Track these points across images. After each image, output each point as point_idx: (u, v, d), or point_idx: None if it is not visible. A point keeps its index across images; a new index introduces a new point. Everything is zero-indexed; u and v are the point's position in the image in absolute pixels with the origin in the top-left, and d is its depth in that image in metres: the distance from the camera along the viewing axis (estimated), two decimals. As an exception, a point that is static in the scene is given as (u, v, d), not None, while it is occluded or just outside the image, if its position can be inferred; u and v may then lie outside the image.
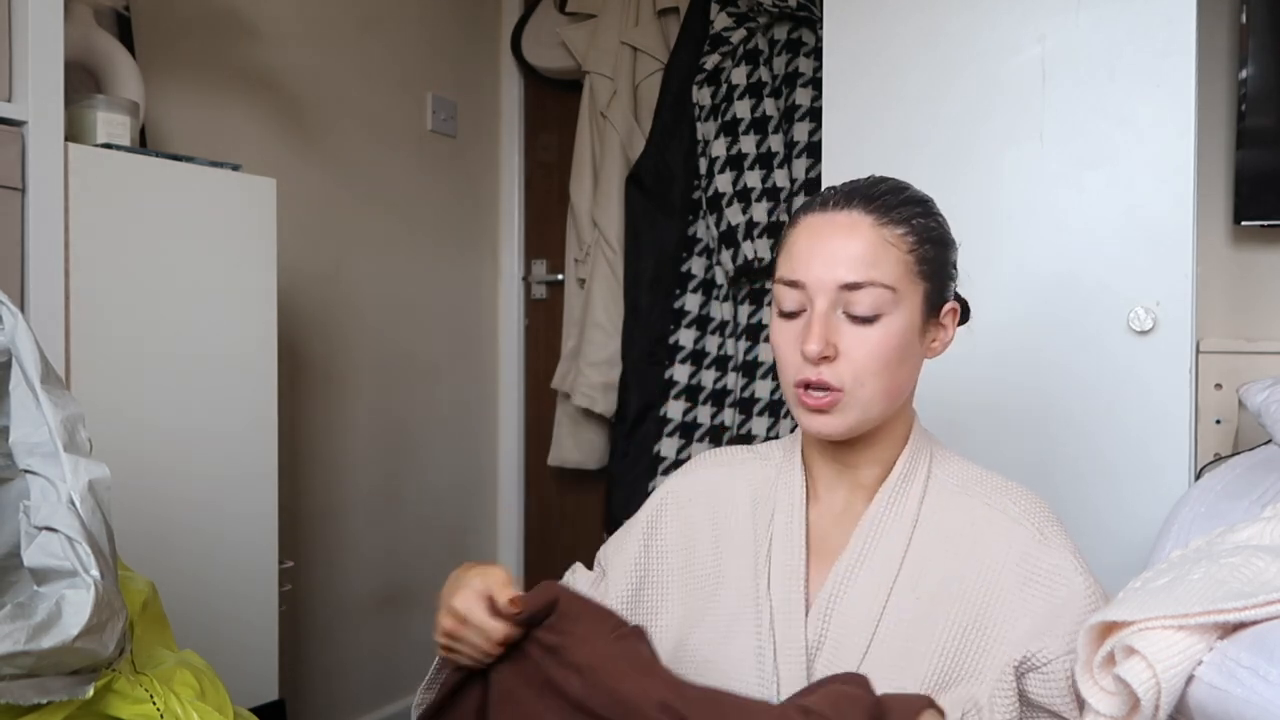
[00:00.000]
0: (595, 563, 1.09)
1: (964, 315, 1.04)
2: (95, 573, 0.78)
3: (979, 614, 0.90)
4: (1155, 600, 0.71)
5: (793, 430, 1.06)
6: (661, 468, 2.29)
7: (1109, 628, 0.72)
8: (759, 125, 2.23)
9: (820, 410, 0.92)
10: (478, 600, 0.84)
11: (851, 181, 0.97)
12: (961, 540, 0.93)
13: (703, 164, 2.29)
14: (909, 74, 1.71)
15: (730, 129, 2.25)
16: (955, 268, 0.99)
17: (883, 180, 0.96)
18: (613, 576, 1.04)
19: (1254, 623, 0.68)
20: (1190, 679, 0.68)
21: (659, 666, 0.83)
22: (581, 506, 2.77)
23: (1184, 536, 1.12)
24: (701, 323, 2.33)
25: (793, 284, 0.93)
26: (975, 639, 0.89)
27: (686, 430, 2.30)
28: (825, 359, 0.90)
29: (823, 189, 0.98)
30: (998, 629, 0.89)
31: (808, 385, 0.92)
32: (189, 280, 1.54)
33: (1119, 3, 1.56)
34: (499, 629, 0.83)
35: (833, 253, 0.91)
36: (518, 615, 0.83)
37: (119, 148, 1.48)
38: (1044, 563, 0.91)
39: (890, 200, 0.93)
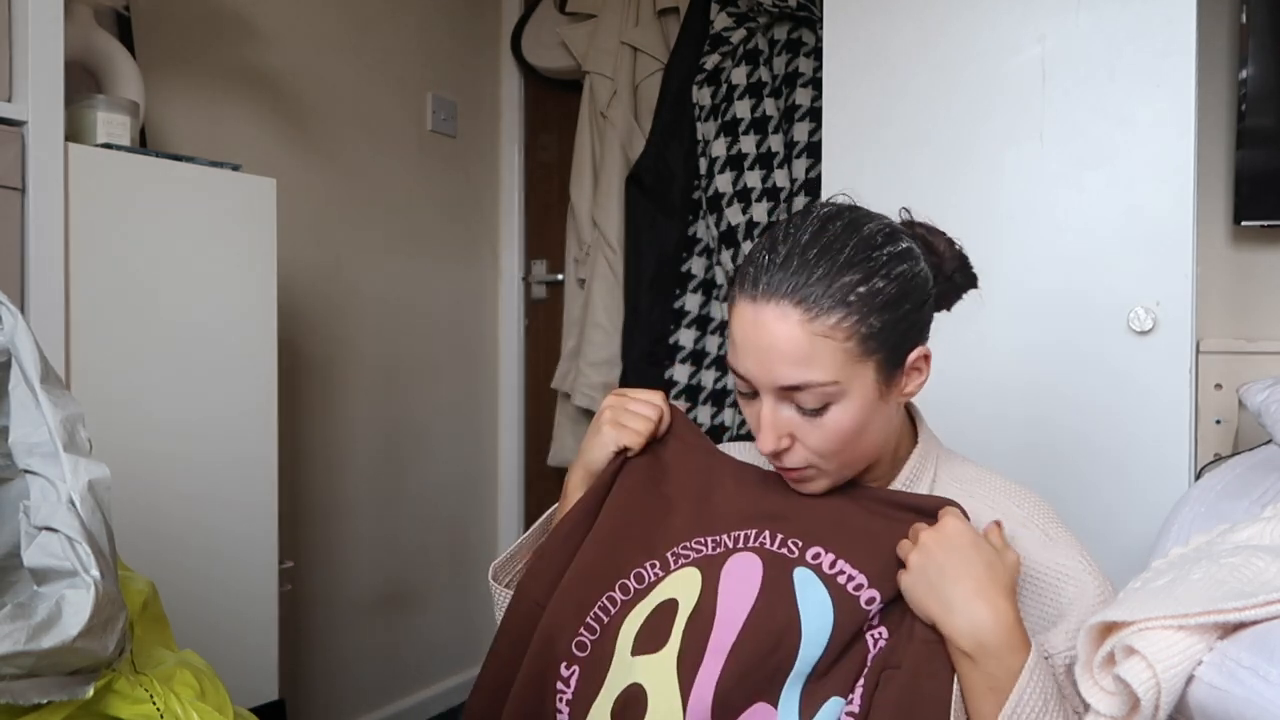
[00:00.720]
0: None
1: (970, 282, 1.01)
2: (95, 573, 0.78)
3: None
4: (1155, 600, 0.71)
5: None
6: (661, 468, 2.29)
7: (1109, 628, 0.72)
8: (759, 125, 2.23)
9: (796, 480, 0.94)
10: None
11: (787, 248, 0.88)
12: None
13: (703, 164, 2.29)
14: (909, 74, 1.71)
15: (730, 129, 2.25)
16: (922, 309, 0.92)
17: (816, 242, 0.87)
18: None
19: (1254, 623, 0.68)
20: (1190, 679, 0.68)
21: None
22: (581, 506, 2.77)
23: (1184, 537, 1.12)
24: (701, 323, 2.33)
25: (741, 376, 0.91)
26: None
27: (686, 430, 2.29)
28: (784, 449, 0.91)
29: (759, 255, 0.89)
30: None
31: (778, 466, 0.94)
32: (189, 280, 1.54)
33: (1119, 3, 1.56)
34: (664, 410, 1.02)
35: (765, 353, 0.87)
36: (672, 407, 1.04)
37: (119, 148, 1.48)
38: (1050, 565, 0.91)
39: (821, 286, 0.85)
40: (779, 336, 0.85)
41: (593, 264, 2.51)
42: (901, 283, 0.89)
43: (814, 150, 2.19)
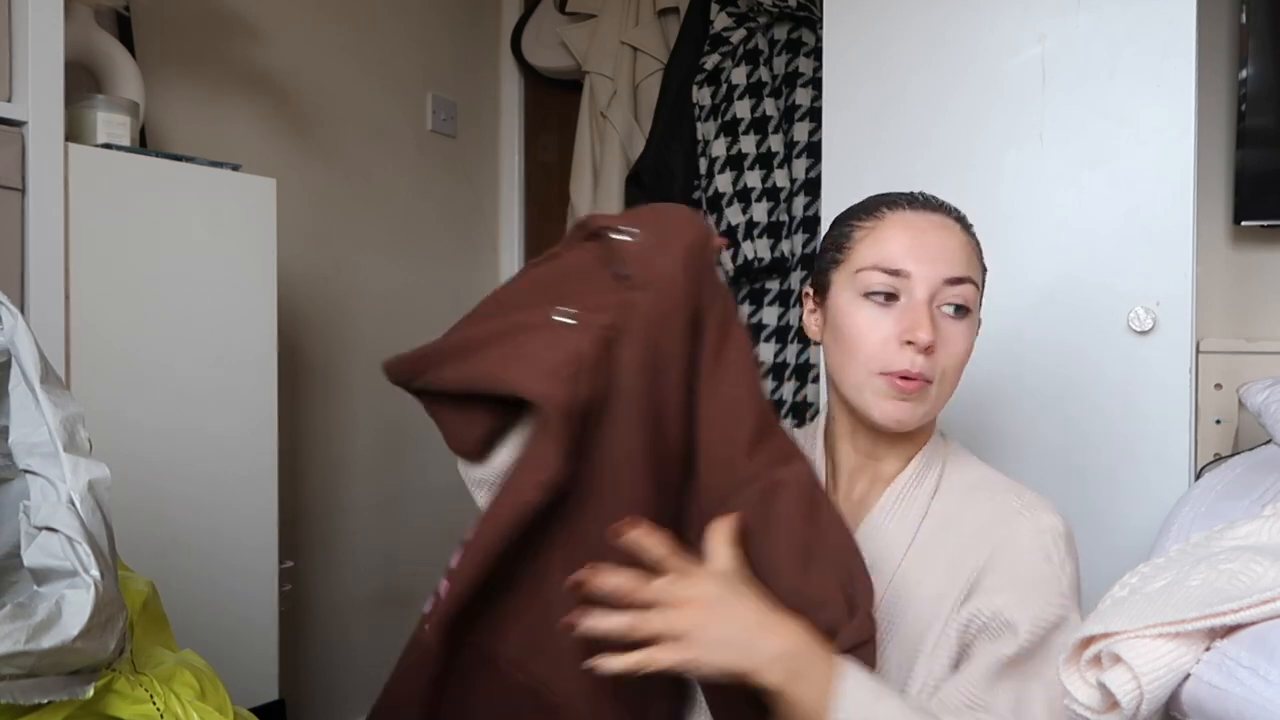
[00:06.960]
0: None
1: None
2: (95, 573, 0.78)
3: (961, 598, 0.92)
4: (1152, 607, 0.70)
5: (794, 427, 1.07)
6: (661, 468, 2.29)
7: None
8: (759, 125, 2.23)
9: (906, 395, 0.93)
10: None
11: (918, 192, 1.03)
12: (963, 535, 0.95)
13: (703, 164, 2.29)
14: (909, 74, 1.70)
15: (730, 129, 2.25)
16: None
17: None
18: None
19: (1251, 623, 0.68)
20: (1187, 677, 0.68)
21: None
22: (581, 506, 2.77)
23: (1184, 536, 1.12)
24: (701, 323, 2.32)
25: (894, 272, 0.94)
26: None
27: (686, 430, 2.29)
28: (927, 350, 0.93)
29: (892, 193, 1.01)
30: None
31: (899, 374, 0.93)
32: (189, 280, 1.54)
33: (1119, 3, 1.56)
34: None
35: (937, 248, 0.95)
36: None
37: (119, 148, 1.48)
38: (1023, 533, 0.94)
39: (962, 214, 1.02)
40: (947, 237, 0.97)
41: (593, 264, 2.50)
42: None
43: (814, 150, 2.19)
